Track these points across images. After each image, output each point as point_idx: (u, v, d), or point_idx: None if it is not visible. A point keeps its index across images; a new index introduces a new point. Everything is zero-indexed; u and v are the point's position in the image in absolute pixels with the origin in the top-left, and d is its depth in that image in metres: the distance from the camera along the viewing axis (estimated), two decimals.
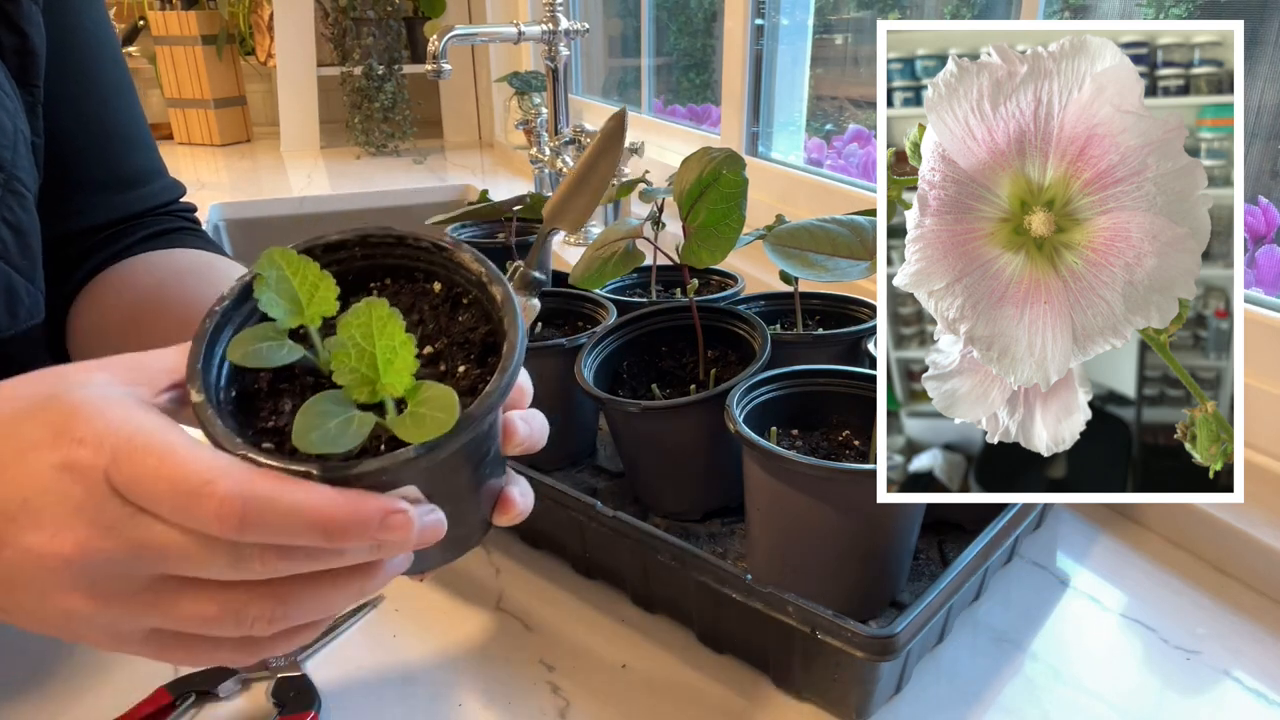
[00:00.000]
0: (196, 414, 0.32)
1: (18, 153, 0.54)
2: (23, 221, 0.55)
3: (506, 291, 0.36)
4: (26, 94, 0.57)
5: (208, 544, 0.31)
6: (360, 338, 0.32)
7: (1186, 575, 0.62)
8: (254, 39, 2.26)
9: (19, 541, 0.31)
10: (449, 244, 0.37)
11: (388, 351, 0.32)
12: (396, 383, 0.32)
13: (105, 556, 0.31)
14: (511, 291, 0.36)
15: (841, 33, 1.37)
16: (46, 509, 0.31)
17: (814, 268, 0.53)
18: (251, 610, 0.32)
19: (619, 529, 0.55)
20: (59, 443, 0.31)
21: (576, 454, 0.74)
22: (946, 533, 0.62)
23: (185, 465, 0.30)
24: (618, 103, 1.93)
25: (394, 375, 0.32)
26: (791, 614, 0.47)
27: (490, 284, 0.36)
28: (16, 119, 0.54)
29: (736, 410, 0.54)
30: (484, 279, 0.36)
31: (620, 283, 0.86)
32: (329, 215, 1.73)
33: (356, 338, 0.32)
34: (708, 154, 0.60)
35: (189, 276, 0.62)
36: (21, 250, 0.55)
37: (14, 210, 0.54)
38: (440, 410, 0.31)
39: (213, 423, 0.32)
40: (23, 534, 0.31)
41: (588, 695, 0.51)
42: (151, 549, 0.31)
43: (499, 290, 0.36)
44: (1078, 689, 0.51)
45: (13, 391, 0.34)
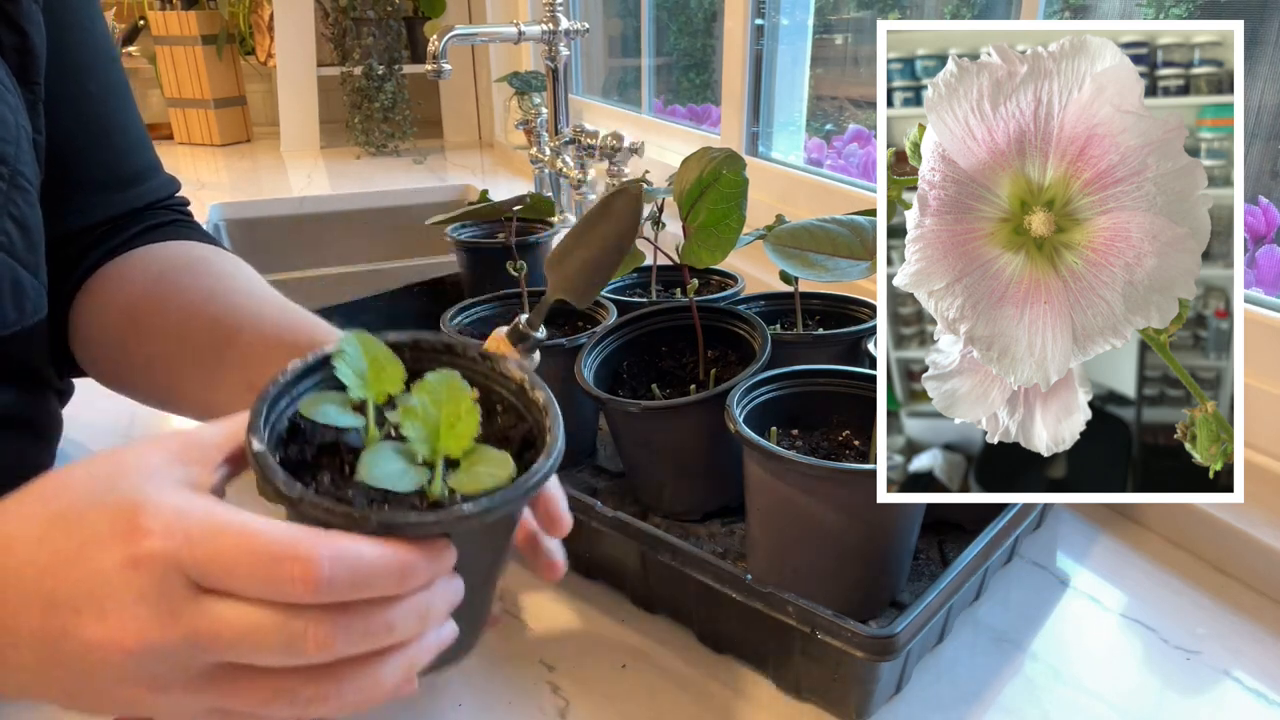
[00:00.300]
0: (256, 463, 0.35)
1: (20, 148, 0.54)
2: (28, 217, 0.55)
3: (548, 396, 0.40)
4: (28, 91, 0.57)
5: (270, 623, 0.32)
6: (431, 401, 0.36)
7: (1187, 575, 0.62)
8: (254, 39, 2.26)
9: (82, 635, 0.32)
10: (494, 355, 0.42)
11: (452, 416, 0.36)
12: (456, 444, 0.36)
13: (167, 648, 0.32)
14: (552, 396, 0.40)
15: (841, 33, 1.37)
16: (111, 602, 0.32)
17: (814, 268, 0.53)
18: (306, 691, 0.34)
19: (619, 529, 0.55)
20: (127, 538, 0.32)
21: (576, 454, 0.74)
22: (946, 533, 0.62)
23: (264, 535, 0.32)
24: (618, 102, 1.93)
25: (455, 438, 0.36)
26: (791, 614, 0.47)
27: (532, 389, 0.40)
28: (19, 115, 0.55)
29: (737, 410, 0.54)
30: (525, 385, 0.41)
31: (620, 283, 0.86)
32: (329, 215, 1.73)
33: (428, 400, 0.36)
34: (708, 154, 0.60)
35: (185, 272, 0.62)
36: (27, 245, 0.55)
37: (19, 205, 0.54)
38: (496, 467, 0.36)
39: (273, 471, 0.34)
40: (86, 627, 0.32)
41: (588, 695, 0.51)
42: (212, 636, 0.32)
43: (541, 394, 0.40)
44: (1078, 689, 0.51)
45: (69, 480, 0.36)
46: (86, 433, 0.80)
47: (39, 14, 0.57)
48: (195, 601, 0.32)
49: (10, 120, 0.54)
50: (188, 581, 0.32)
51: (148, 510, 0.33)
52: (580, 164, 1.39)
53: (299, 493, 0.34)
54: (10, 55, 0.56)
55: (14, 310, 0.54)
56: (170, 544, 0.32)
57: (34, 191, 0.56)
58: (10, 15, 0.55)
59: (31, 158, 0.56)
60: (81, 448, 0.78)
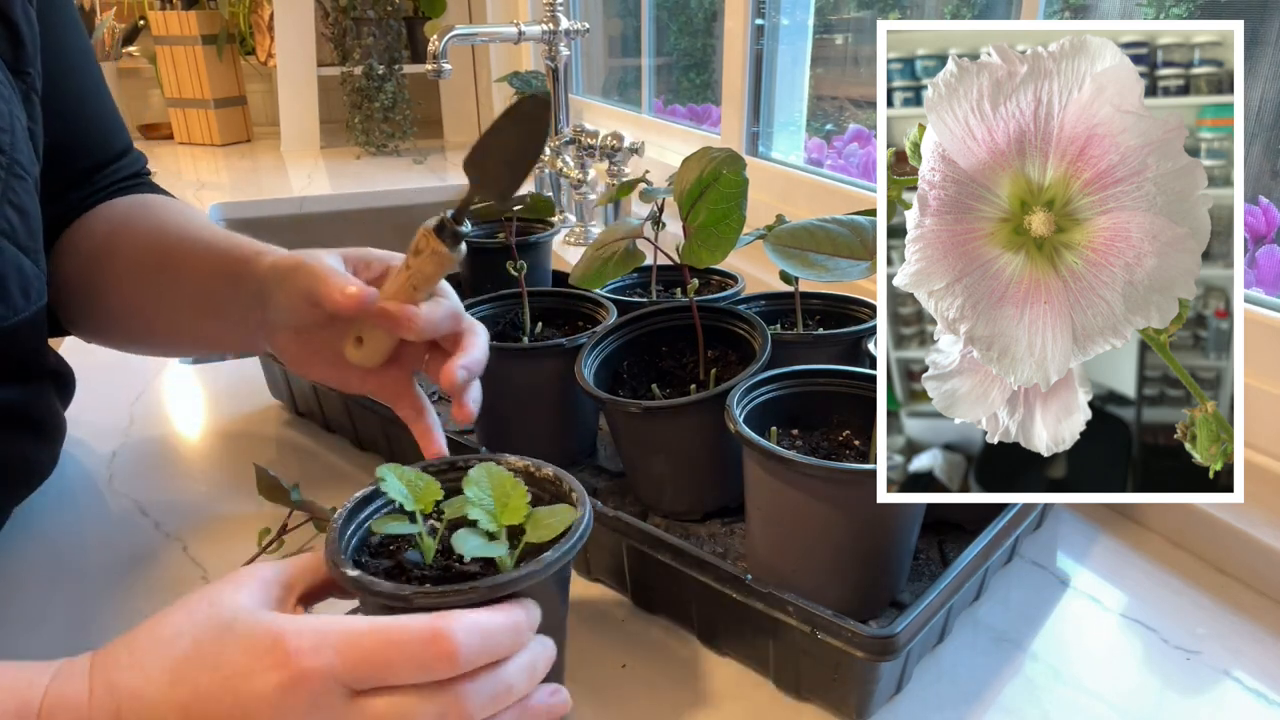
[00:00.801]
0: (356, 585, 0.40)
1: (16, 136, 0.55)
2: (26, 205, 0.56)
3: (557, 470, 0.49)
4: (20, 82, 0.58)
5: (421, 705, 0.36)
6: (479, 490, 0.44)
7: (1187, 575, 0.62)
8: (254, 39, 2.26)
9: None
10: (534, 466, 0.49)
11: (503, 495, 0.44)
12: (515, 515, 0.43)
13: None
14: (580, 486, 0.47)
15: (842, 33, 1.37)
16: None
17: (814, 268, 0.53)
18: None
19: (619, 529, 0.55)
20: (279, 663, 0.35)
21: (576, 454, 0.74)
22: (947, 533, 0.62)
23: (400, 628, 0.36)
24: (618, 102, 1.93)
25: (511, 512, 0.43)
26: (791, 614, 0.47)
27: (561, 482, 0.48)
28: (13, 105, 0.56)
29: (737, 410, 0.54)
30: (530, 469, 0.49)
31: (620, 283, 0.86)
32: (329, 215, 1.73)
33: (476, 489, 0.44)
34: (708, 154, 0.60)
35: (139, 216, 0.68)
36: (28, 232, 0.56)
37: (17, 193, 0.55)
38: (558, 517, 0.44)
39: (376, 585, 0.39)
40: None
41: (588, 695, 0.51)
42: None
43: (549, 470, 0.49)
44: (1078, 689, 0.51)
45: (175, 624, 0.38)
46: (87, 430, 0.80)
47: (30, 9, 0.59)
48: (354, 705, 0.35)
49: (4, 110, 0.54)
50: (345, 690, 0.35)
51: (289, 633, 0.35)
52: (580, 164, 1.39)
53: (410, 591, 0.39)
54: (3, 47, 0.56)
55: (21, 297, 0.55)
56: (321, 659, 0.35)
57: (30, 180, 0.57)
58: (1, 8, 0.56)
59: (28, 146, 0.57)
60: (84, 445, 0.78)
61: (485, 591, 0.39)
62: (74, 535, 0.67)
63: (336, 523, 0.44)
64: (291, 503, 0.66)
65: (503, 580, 0.39)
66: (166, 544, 0.65)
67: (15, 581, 0.61)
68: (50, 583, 0.61)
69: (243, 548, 0.64)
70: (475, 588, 0.39)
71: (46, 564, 0.63)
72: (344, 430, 0.80)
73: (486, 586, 0.39)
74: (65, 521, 0.68)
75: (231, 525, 0.68)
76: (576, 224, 1.42)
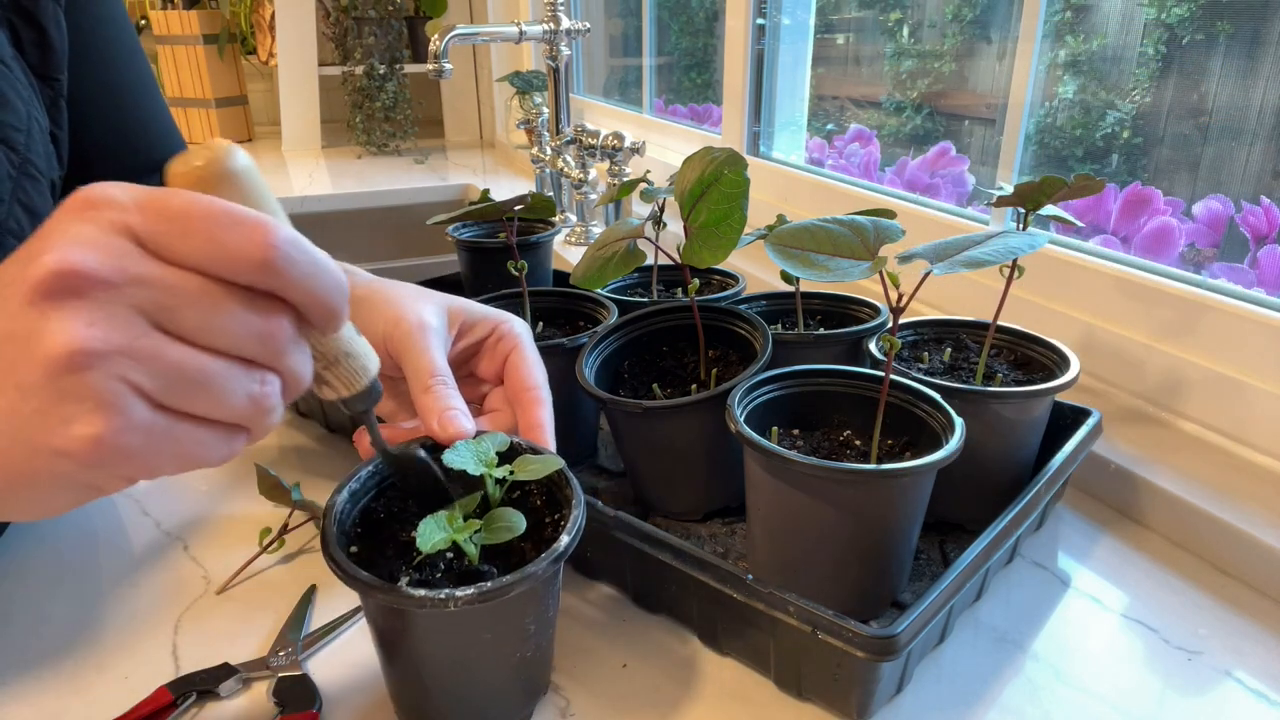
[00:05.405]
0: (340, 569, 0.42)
1: (32, 138, 0.55)
2: (38, 206, 0.56)
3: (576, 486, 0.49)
4: (47, 87, 0.58)
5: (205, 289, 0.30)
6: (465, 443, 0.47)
7: (1188, 575, 0.61)
8: (255, 38, 2.26)
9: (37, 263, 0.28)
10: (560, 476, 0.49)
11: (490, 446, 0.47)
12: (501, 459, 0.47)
13: (108, 277, 0.29)
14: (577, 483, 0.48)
15: (843, 32, 1.37)
16: (53, 240, 0.29)
17: (815, 268, 0.53)
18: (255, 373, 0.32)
19: (620, 529, 0.55)
20: (74, 208, 0.30)
21: (577, 454, 0.74)
22: (948, 532, 0.62)
23: (219, 203, 0.30)
24: (619, 102, 1.93)
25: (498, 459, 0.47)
26: (792, 614, 0.47)
27: (566, 485, 0.48)
28: (31, 107, 0.56)
29: (738, 410, 0.54)
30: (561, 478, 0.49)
31: (621, 282, 0.86)
32: (330, 215, 1.73)
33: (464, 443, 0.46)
34: (709, 154, 0.60)
35: None
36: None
37: (29, 193, 0.55)
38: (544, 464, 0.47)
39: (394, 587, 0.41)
40: (33, 262, 0.29)
41: (588, 695, 0.51)
42: (152, 283, 0.29)
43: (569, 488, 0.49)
44: (1079, 689, 0.51)
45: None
46: None
47: (59, 13, 0.58)
48: (138, 255, 0.29)
49: (22, 110, 0.54)
50: (135, 240, 0.30)
51: (93, 189, 0.30)
52: (581, 164, 1.38)
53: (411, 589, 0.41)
54: (30, 51, 0.57)
55: None
56: (120, 201, 0.30)
57: (45, 182, 0.57)
58: (29, 11, 0.56)
59: (46, 150, 0.57)
60: None
61: (490, 593, 0.40)
62: (75, 534, 0.67)
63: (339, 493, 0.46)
64: (292, 502, 0.66)
65: (507, 581, 0.41)
66: (168, 543, 0.65)
67: (17, 581, 0.61)
68: (52, 582, 0.61)
69: (244, 547, 0.64)
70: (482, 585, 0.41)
71: (48, 563, 0.63)
72: (345, 431, 0.80)
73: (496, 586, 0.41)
74: (67, 521, 0.68)
75: (232, 525, 0.68)
76: (577, 224, 1.42)
